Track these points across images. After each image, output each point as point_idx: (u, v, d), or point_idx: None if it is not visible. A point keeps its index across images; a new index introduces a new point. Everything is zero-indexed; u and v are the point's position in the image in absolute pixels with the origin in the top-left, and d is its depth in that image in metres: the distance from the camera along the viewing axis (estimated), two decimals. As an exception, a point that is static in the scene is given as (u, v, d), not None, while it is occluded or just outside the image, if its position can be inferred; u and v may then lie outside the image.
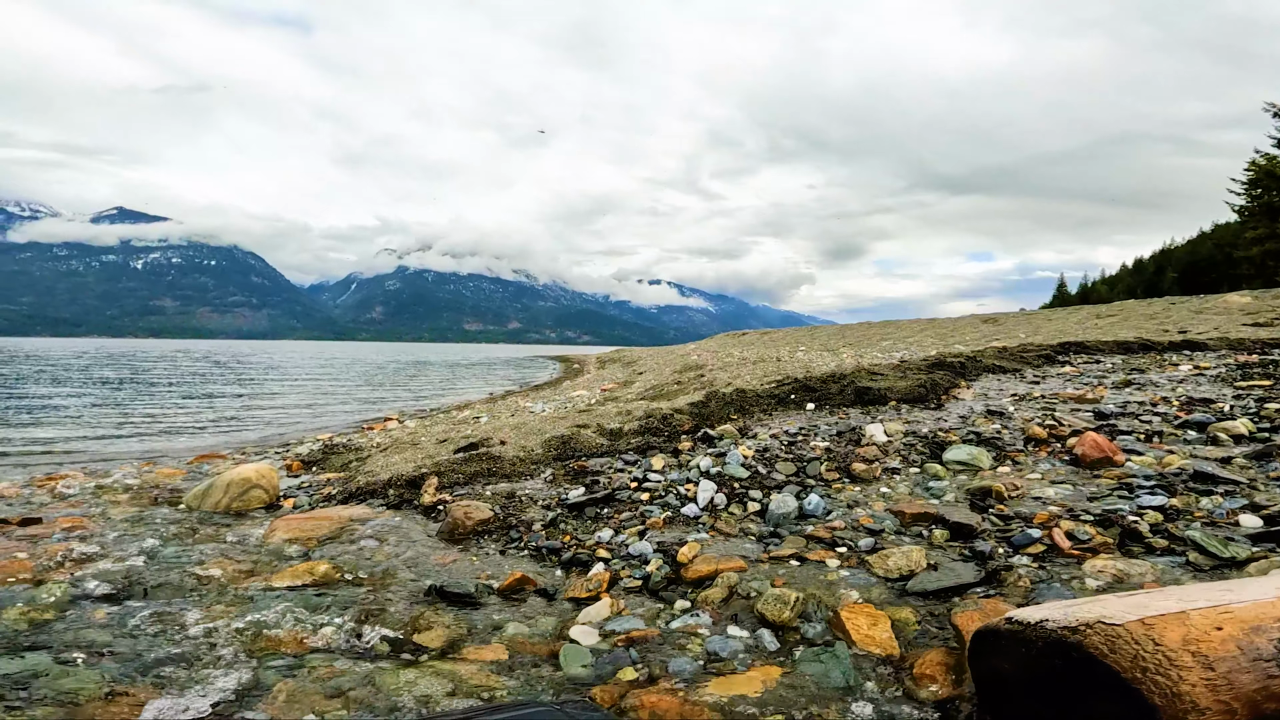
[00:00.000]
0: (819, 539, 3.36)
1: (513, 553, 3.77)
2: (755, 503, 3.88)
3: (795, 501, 3.74)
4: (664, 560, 3.28)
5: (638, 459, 4.95)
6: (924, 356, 9.22)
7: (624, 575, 3.22)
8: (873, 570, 2.98)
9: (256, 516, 5.21)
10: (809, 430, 5.09)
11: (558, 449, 5.43)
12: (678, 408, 6.26)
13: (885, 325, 25.77)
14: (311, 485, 6.11)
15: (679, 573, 3.17)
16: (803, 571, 3.05)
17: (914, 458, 4.40)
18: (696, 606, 2.88)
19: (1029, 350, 9.48)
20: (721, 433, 5.13)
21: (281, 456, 8.56)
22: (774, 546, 3.34)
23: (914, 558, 2.97)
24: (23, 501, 5.97)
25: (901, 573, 2.91)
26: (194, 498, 5.52)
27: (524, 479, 4.89)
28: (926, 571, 2.89)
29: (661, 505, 3.98)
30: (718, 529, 3.61)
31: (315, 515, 4.51)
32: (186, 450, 9.53)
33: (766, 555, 3.24)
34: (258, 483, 5.40)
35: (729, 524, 3.64)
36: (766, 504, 3.81)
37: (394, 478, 5.00)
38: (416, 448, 6.76)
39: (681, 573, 3.16)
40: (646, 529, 3.70)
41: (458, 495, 4.53)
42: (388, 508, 4.60)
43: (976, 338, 17.05)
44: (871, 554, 3.11)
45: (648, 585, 3.13)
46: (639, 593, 3.09)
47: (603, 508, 4.10)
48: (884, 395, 6.00)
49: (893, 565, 2.95)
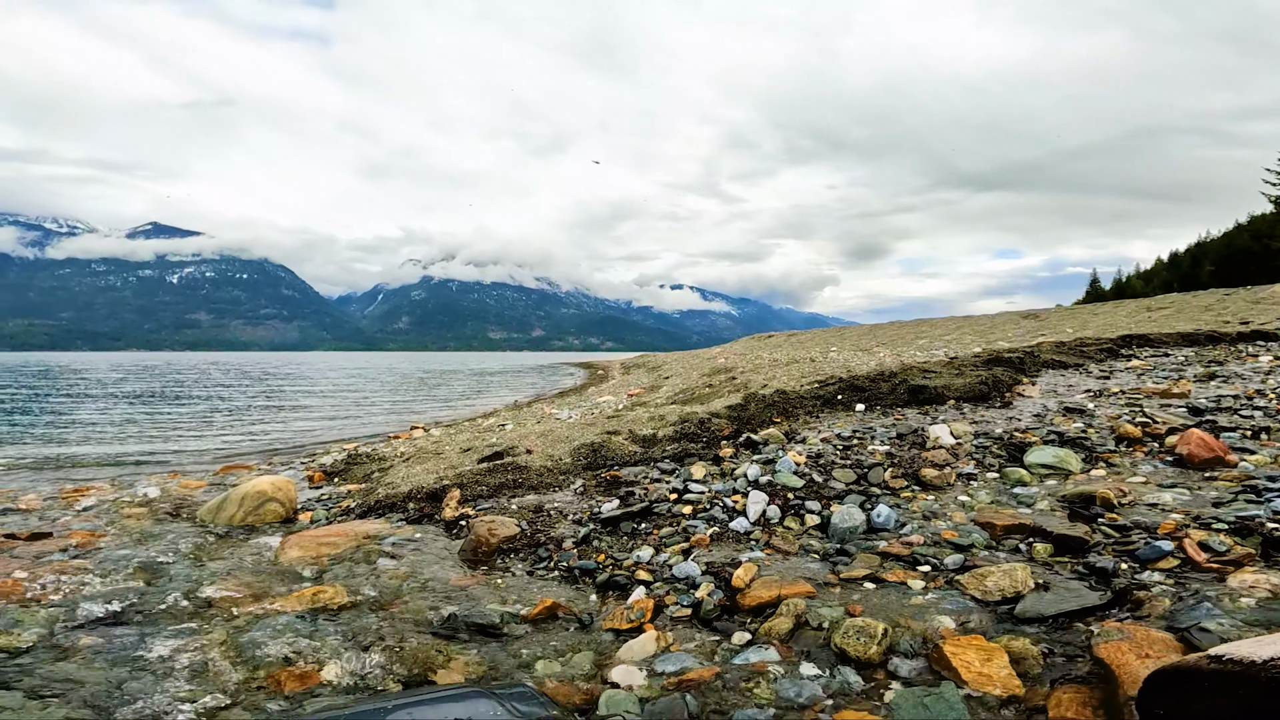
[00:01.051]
0: (895, 556, 2.92)
1: (541, 574, 3.38)
2: (814, 515, 3.44)
3: (862, 514, 3.29)
4: (716, 584, 2.86)
5: (675, 468, 4.54)
6: (974, 353, 8.66)
7: (670, 602, 2.81)
8: (967, 592, 2.53)
9: (271, 531, 4.92)
10: (863, 433, 4.63)
11: (587, 458, 5.05)
12: (714, 411, 5.83)
13: (918, 324, 24.99)
14: (331, 497, 5.81)
15: (734, 599, 2.74)
16: (882, 596, 2.61)
17: (990, 461, 3.93)
18: (759, 640, 2.45)
19: (1088, 344, 8.87)
20: (766, 437, 4.70)
21: (305, 466, 8.32)
22: (843, 566, 2.91)
23: (1018, 577, 2.52)
24: (40, 514, 5.78)
25: (1005, 594, 2.46)
26: (209, 512, 5.25)
27: (552, 491, 4.51)
28: (1036, 593, 2.43)
29: (706, 519, 3.57)
30: (774, 546, 3.18)
31: (331, 531, 4.18)
32: (214, 460, 9.38)
33: (835, 577, 2.81)
34: (273, 496, 5.11)
35: (786, 540, 3.21)
36: (827, 517, 3.38)
37: (414, 490, 4.66)
38: (439, 457, 6.44)
39: (738, 599, 2.73)
40: (691, 547, 3.28)
41: (481, 509, 4.17)
42: (407, 523, 4.25)
43: (1019, 334, 16.31)
44: (962, 573, 2.66)
45: (699, 614, 2.71)
46: (689, 623, 2.68)
47: (640, 522, 3.70)
48: (941, 394, 5.51)
49: (992, 586, 2.51)
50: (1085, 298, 58.35)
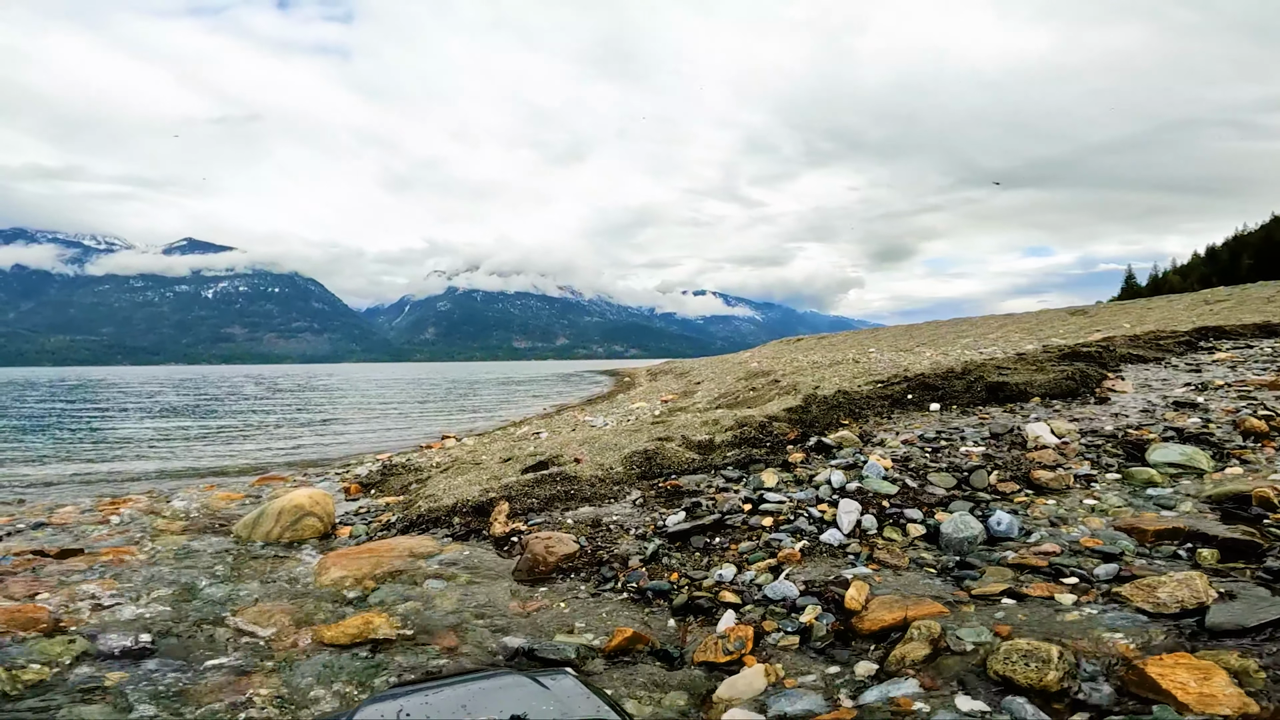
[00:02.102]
0: (1032, 568, 2.54)
1: (608, 595, 3.02)
2: (917, 525, 3.04)
3: (978, 522, 2.89)
4: (823, 606, 2.48)
5: (741, 475, 4.16)
6: (1036, 349, 8.13)
7: (769, 628, 2.43)
8: (1131, 604, 2.18)
9: (310, 548, 4.64)
10: (949, 434, 4.21)
11: (641, 466, 4.69)
12: (772, 414, 5.44)
13: (956, 323, 24.25)
14: (369, 511, 5.53)
15: (849, 622, 2.37)
16: (1029, 613, 2.23)
17: (1106, 461, 3.49)
18: (890, 670, 2.07)
19: (1163, 337, 8.28)
20: (840, 440, 4.29)
21: (340, 478, 8.10)
22: (971, 581, 2.53)
23: (1198, 586, 2.15)
24: (72, 529, 5.60)
25: (1183, 606, 2.12)
26: (244, 527, 5.00)
27: (607, 502, 4.16)
28: (1222, 603, 2.09)
29: (791, 532, 3.18)
30: (879, 560, 2.80)
31: (373, 548, 3.88)
32: (251, 471, 9.24)
33: (965, 594, 2.43)
34: (311, 510, 4.83)
35: (892, 553, 2.82)
36: (934, 526, 2.99)
37: (459, 504, 4.34)
38: (479, 468, 6.13)
39: (853, 623, 2.35)
40: (780, 564, 2.90)
41: (533, 524, 3.83)
42: (453, 539, 3.93)
43: (1071, 330, 15.61)
44: (1120, 584, 2.31)
45: (808, 642, 2.34)
46: (798, 652, 2.30)
47: (712, 536, 3.32)
48: (1023, 391, 5.05)
49: (1166, 597, 2.16)
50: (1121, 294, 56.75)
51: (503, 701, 1.46)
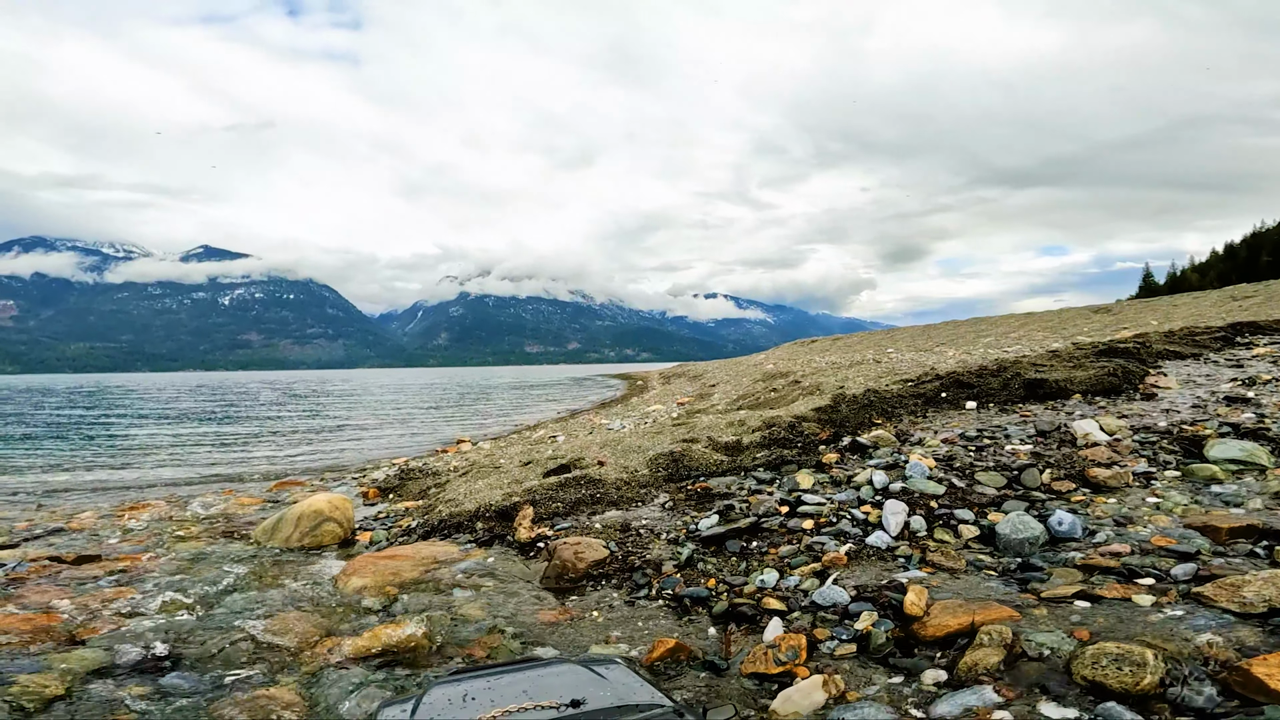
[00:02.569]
0: (1103, 569, 2.40)
1: (643, 603, 2.89)
2: (970, 526, 2.89)
3: (1037, 522, 2.74)
4: (879, 612, 2.33)
5: (774, 476, 4.01)
6: (1072, 345, 7.91)
7: (821, 636, 2.29)
8: (1216, 605, 2.06)
9: (330, 554, 4.54)
10: (991, 432, 4.04)
11: (667, 468, 4.55)
12: (799, 414, 5.28)
13: (975, 323, 23.91)
14: (389, 515, 5.43)
15: (909, 628, 2.22)
16: (1106, 615, 2.09)
17: (1163, 458, 3.32)
18: (961, 678, 1.92)
19: (1198, 333, 8.04)
20: (875, 440, 4.13)
21: (358, 482, 8.03)
22: (1038, 583, 2.40)
23: None
24: (90, 534, 5.55)
25: (1271, 605, 2.00)
26: (263, 532, 4.92)
27: (635, 505, 4.02)
28: None
29: (834, 535, 3.03)
30: (934, 563, 2.65)
31: (395, 554, 3.77)
32: (269, 476, 9.20)
33: (1033, 596, 2.30)
34: (331, 515, 4.73)
35: (947, 555, 2.67)
36: (989, 527, 2.83)
37: (481, 508, 4.22)
38: (499, 471, 6.02)
39: (914, 629, 2.21)
40: (826, 568, 2.75)
41: (559, 529, 3.70)
42: (477, 545, 3.81)
43: (1096, 328, 15.30)
44: (1200, 584, 2.18)
45: (867, 650, 2.20)
46: (856, 661, 2.15)
47: (749, 540, 3.18)
48: (1063, 388, 4.86)
49: (1253, 596, 2.05)
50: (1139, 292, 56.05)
51: (560, 687, 1.49)
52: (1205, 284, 42.79)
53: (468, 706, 1.42)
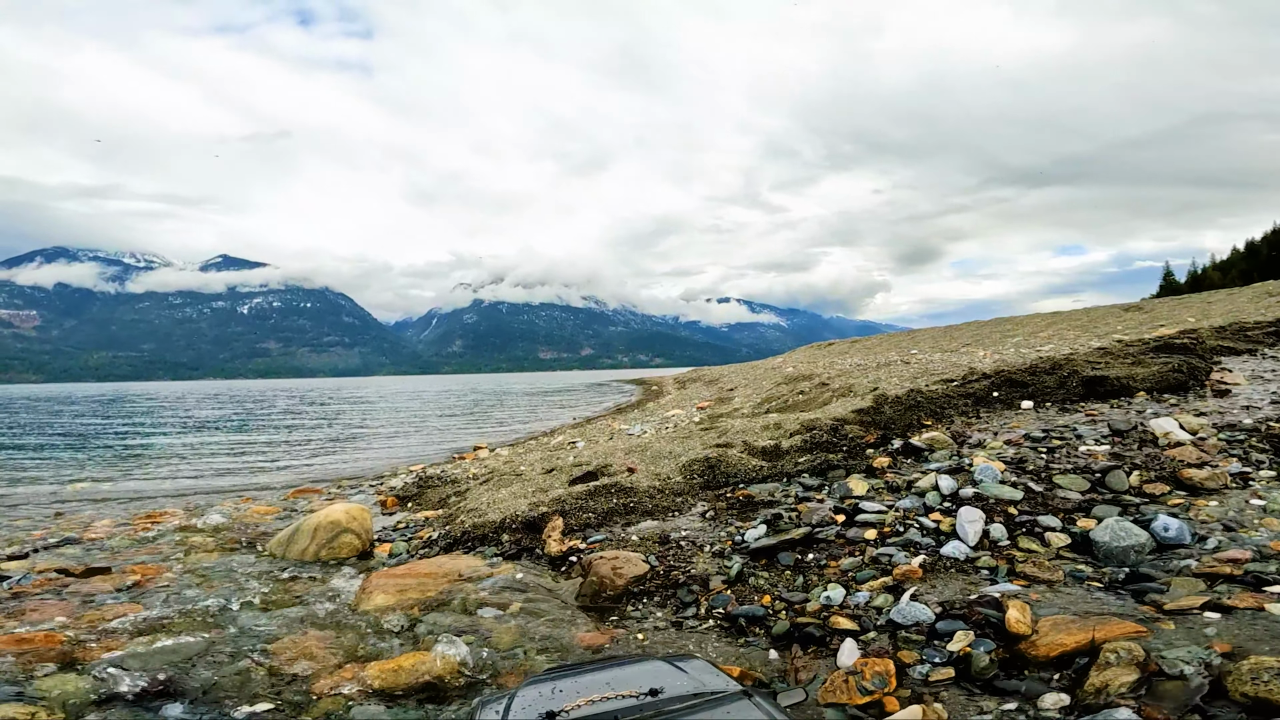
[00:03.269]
0: (1224, 577, 2.11)
1: (690, 623, 2.61)
2: (1058, 533, 2.60)
3: (1140, 528, 2.44)
4: (975, 630, 2.04)
5: (821, 482, 3.72)
6: (1114, 342, 7.53)
7: (908, 659, 2.01)
8: None
9: (348, 567, 4.31)
10: (1058, 432, 3.72)
11: (702, 475, 4.27)
12: (839, 416, 4.98)
13: (999, 323, 23.38)
14: (408, 525, 5.20)
15: (1014, 648, 1.95)
16: (1242, 626, 1.84)
17: (1255, 457, 2.99)
18: (1087, 701, 1.65)
19: (1249, 328, 7.63)
20: (930, 442, 3.83)
21: (375, 490, 7.83)
22: (1156, 595, 2.13)
23: None
24: (102, 545, 5.37)
25: None
26: (278, 545, 4.69)
27: (671, 515, 3.75)
28: None
29: (902, 545, 2.74)
30: (1026, 575, 2.37)
31: (416, 569, 3.52)
32: (285, 484, 9.02)
33: (1153, 609, 2.03)
34: (348, 527, 4.51)
35: (1041, 567, 2.38)
36: (1082, 534, 2.54)
37: (507, 519, 3.96)
38: (521, 479, 5.77)
39: (1021, 648, 1.93)
40: (899, 582, 2.46)
41: (592, 541, 3.43)
42: (503, 558, 3.55)
43: (1130, 326, 14.83)
44: None
45: (967, 673, 1.92)
46: (955, 686, 1.87)
47: (803, 552, 2.89)
48: (1126, 385, 4.53)
49: None
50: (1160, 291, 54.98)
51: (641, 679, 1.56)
52: (1227, 282, 41.77)
53: (555, 699, 1.51)
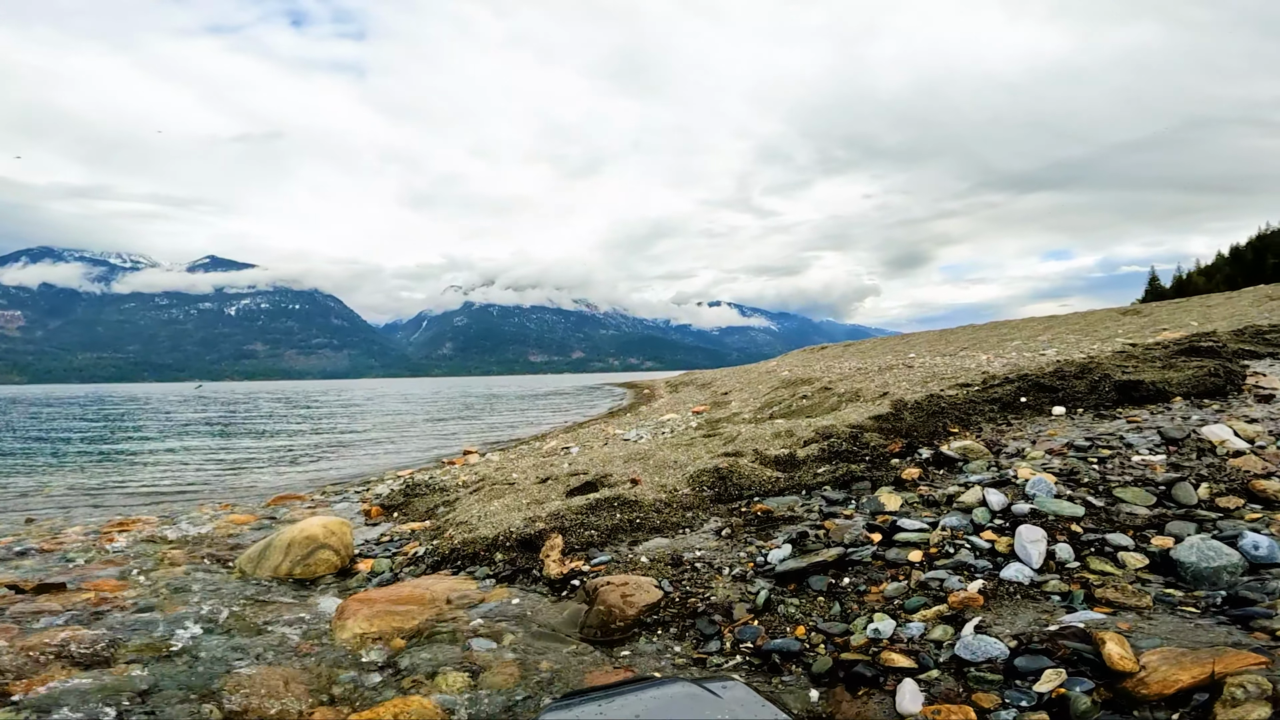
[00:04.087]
0: None
1: (715, 659, 2.28)
2: (1132, 553, 2.31)
3: (1230, 547, 2.15)
4: (1065, 667, 1.74)
5: (846, 496, 3.40)
6: (1129, 344, 7.28)
7: (987, 703, 1.71)
8: None
9: (325, 587, 3.94)
10: (1104, 440, 3.43)
11: (713, 487, 3.94)
12: (855, 423, 4.67)
13: (996, 326, 23.27)
14: (393, 540, 4.83)
15: (1117, 686, 1.66)
16: None
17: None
18: None
19: (1266, 331, 7.43)
20: (963, 452, 3.52)
21: (360, 496, 7.45)
22: (1263, 619, 1.85)
23: None
24: (63, 556, 4.97)
25: None
26: (249, 561, 4.32)
27: (681, 531, 3.41)
28: None
29: (953, 568, 2.43)
30: (1109, 601, 2.07)
31: (401, 593, 3.17)
32: (267, 489, 8.63)
33: (1268, 636, 1.77)
34: (325, 542, 4.14)
35: (1123, 591, 2.10)
36: (1160, 553, 2.24)
37: (500, 536, 3.61)
38: (514, 489, 5.41)
39: (1126, 686, 1.64)
40: (957, 611, 2.15)
41: (596, 562, 3.09)
42: (497, 580, 3.19)
43: (1131, 329, 14.68)
44: None
45: (1066, 717, 1.62)
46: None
47: (837, 576, 2.57)
48: (1161, 390, 4.26)
49: None
50: (1145, 296, 55.49)
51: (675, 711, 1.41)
52: (1212, 287, 42.10)
53: None
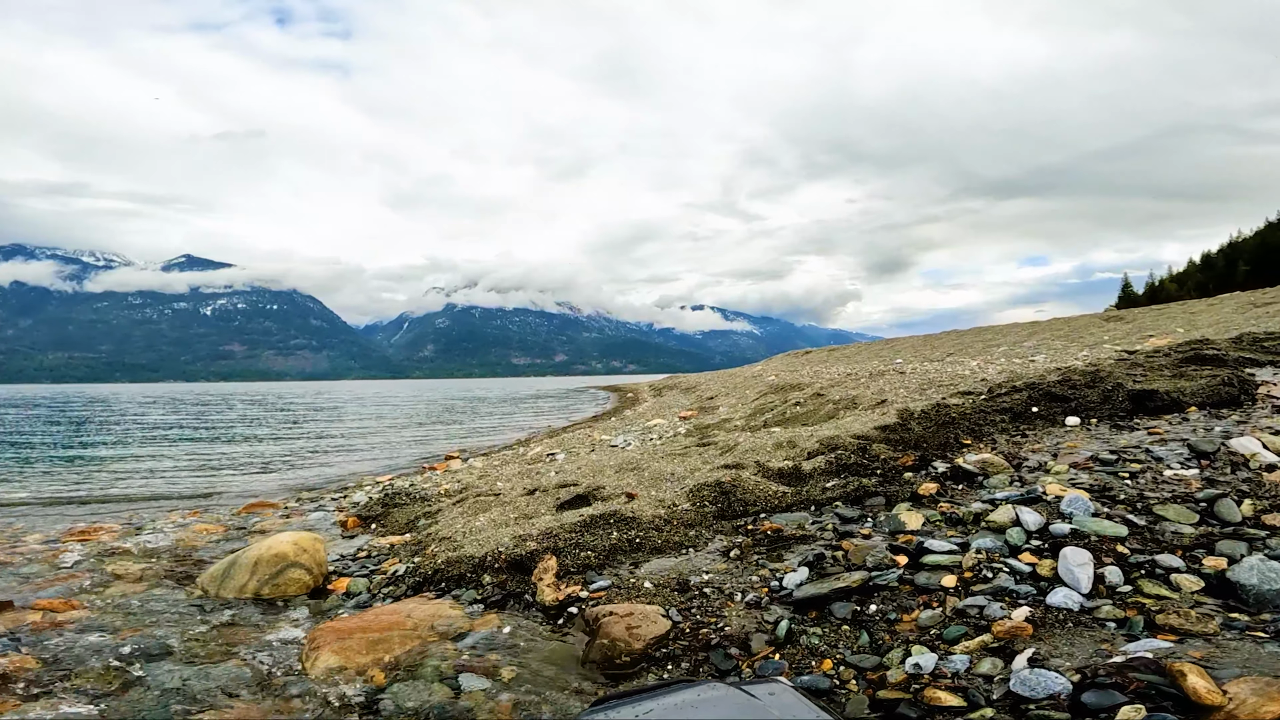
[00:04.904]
0: None
1: (731, 704, 2.04)
2: (1187, 575, 2.12)
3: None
4: (1142, 702, 1.53)
5: (860, 513, 3.18)
6: (1124, 351, 7.19)
7: None
8: None
9: (296, 610, 3.64)
10: (1131, 454, 3.25)
11: (716, 502, 3.70)
12: (861, 434, 4.47)
13: (980, 331, 23.35)
14: (371, 555, 4.53)
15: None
16: None
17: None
18: None
19: (1262, 339, 7.38)
20: (983, 466, 3.32)
21: (336, 505, 7.11)
22: None
23: None
24: (13, 571, 4.60)
25: None
26: (212, 579, 3.99)
27: (683, 551, 3.17)
28: None
29: (992, 594, 2.22)
30: (1172, 627, 1.87)
31: (380, 619, 2.88)
32: (240, 495, 8.23)
33: None
34: (296, 560, 3.83)
35: (1187, 618, 1.90)
36: (1217, 575, 2.06)
37: (488, 556, 3.33)
38: (500, 501, 5.12)
39: None
40: (1005, 641, 1.93)
41: (595, 587, 2.83)
42: (486, 606, 2.92)
43: (1117, 336, 14.74)
44: None
45: None
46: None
47: (862, 602, 2.35)
48: (1175, 400, 4.11)
49: None
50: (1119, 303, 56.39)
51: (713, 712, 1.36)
52: (1184, 294, 42.89)
53: None
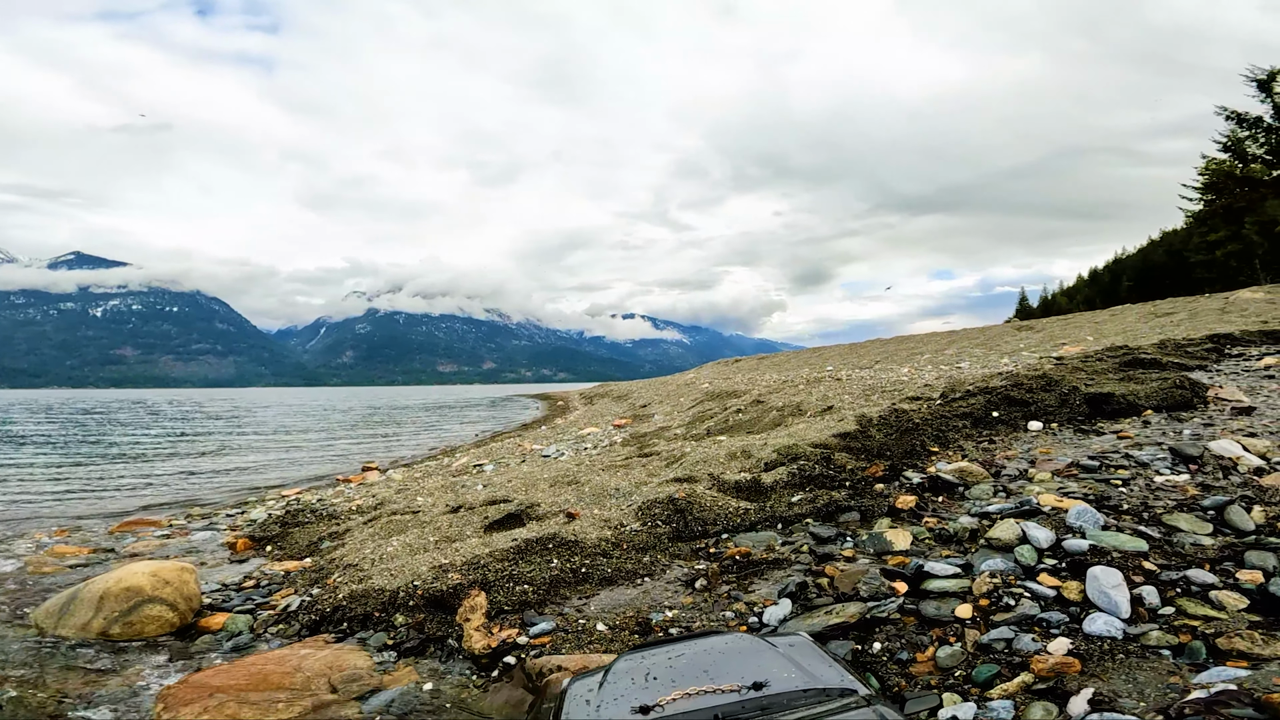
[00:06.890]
0: None
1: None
2: (1230, 592, 1.85)
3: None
4: None
5: (836, 531, 2.81)
6: (1054, 358, 7.30)
7: None
8: None
9: (156, 652, 2.93)
10: (1112, 459, 3.04)
11: (670, 521, 3.25)
12: (820, 442, 4.14)
13: (903, 340, 24.11)
14: (260, 584, 3.82)
15: None
16: None
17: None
18: None
19: (1185, 345, 7.72)
20: (962, 475, 3.03)
21: (230, 522, 6.24)
22: None
23: None
24: None
25: None
26: (48, 615, 3.22)
27: (638, 579, 2.70)
28: None
29: (1017, 623, 1.88)
30: (1241, 652, 1.61)
31: (261, 670, 2.26)
32: (118, 512, 7.16)
33: None
34: (155, 595, 3.10)
35: (1251, 640, 1.65)
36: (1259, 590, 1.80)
37: (401, 591, 2.74)
38: (419, 520, 4.49)
39: None
40: (1050, 680, 1.58)
41: (536, 632, 2.31)
42: (400, 654, 2.35)
43: (1032, 343, 15.38)
44: None
45: None
46: None
47: (863, 639, 1.96)
48: (1132, 404, 4.01)
49: None
50: (1016, 314, 60.13)
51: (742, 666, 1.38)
52: (1073, 307, 46.17)
53: (650, 687, 1.35)
